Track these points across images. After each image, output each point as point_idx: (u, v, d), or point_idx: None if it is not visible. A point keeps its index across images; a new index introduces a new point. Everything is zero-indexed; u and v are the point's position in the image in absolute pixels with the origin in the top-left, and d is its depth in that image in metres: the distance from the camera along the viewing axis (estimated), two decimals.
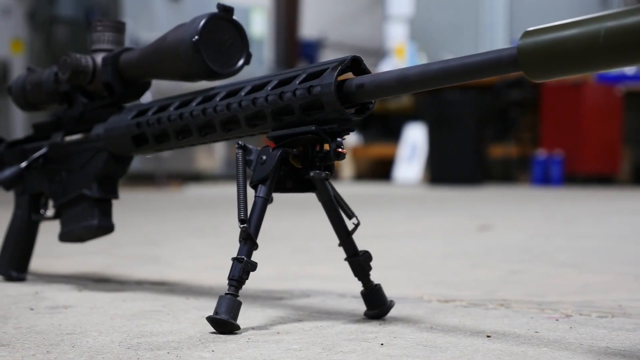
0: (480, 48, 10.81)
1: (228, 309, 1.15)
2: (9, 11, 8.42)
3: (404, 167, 10.26)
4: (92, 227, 1.53)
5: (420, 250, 2.39)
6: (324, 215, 1.27)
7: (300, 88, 1.19)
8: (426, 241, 2.63)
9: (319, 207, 1.27)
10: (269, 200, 1.21)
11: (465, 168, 8.44)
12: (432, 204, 5.23)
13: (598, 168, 8.90)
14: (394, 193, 6.97)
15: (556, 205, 5.04)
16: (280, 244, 2.65)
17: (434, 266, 2.02)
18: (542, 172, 8.66)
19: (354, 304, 1.41)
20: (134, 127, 1.44)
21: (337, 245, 1.30)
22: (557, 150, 8.61)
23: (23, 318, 1.28)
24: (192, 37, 1.33)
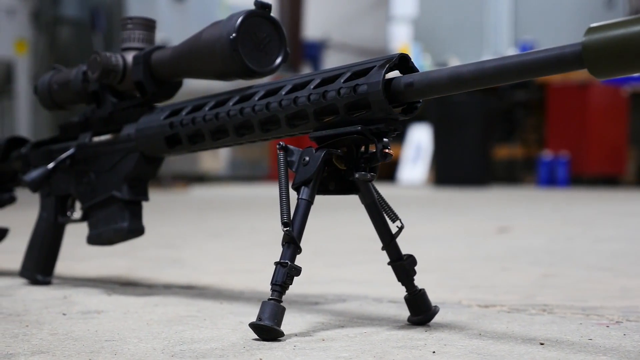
0: (485, 49, 10.79)
1: (272, 315, 1.12)
2: (14, 11, 8.38)
3: (409, 168, 10.23)
4: (123, 230, 1.50)
5: (444, 253, 2.35)
6: (338, 216, 1.23)
7: (345, 87, 1.15)
8: (447, 244, 2.60)
9: (332, 208, 1.23)
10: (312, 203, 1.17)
11: (470, 169, 8.40)
12: (442, 206, 5.19)
13: (604, 169, 8.87)
14: (401, 194, 6.93)
15: (567, 206, 5.01)
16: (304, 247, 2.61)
17: (464, 269, 1.98)
18: (547, 173, 8.62)
19: (393, 309, 1.38)
20: (167, 127, 1.40)
21: (359, 248, 1.26)
22: (562, 152, 8.57)
23: (57, 324, 1.24)
24: (229, 35, 1.29)
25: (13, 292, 1.56)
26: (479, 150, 8.45)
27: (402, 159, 10.23)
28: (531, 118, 9.48)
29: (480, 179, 8.36)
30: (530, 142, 9.46)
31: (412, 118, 3.08)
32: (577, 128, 8.69)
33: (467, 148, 8.29)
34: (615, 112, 9.00)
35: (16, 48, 8.50)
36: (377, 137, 1.15)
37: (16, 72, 8.31)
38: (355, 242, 2.73)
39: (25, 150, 1.70)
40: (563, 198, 6.10)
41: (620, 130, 9.05)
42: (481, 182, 8.27)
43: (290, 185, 1.18)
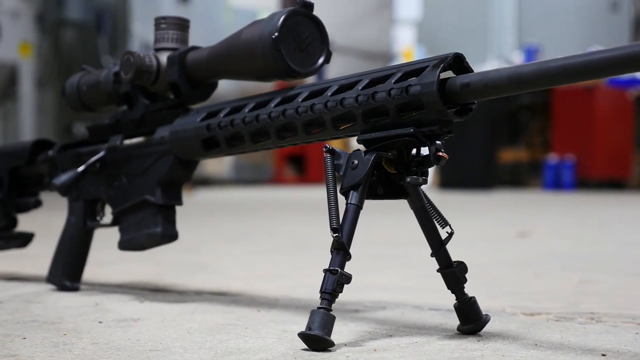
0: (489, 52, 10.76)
1: (322, 325, 1.08)
2: (18, 14, 8.34)
3: None
4: (156, 235, 1.46)
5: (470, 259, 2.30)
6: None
7: (396, 87, 1.11)
8: (469, 249, 2.55)
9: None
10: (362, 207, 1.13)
11: (475, 172, 8.37)
12: (453, 210, 5.15)
13: (609, 173, 8.84)
14: None
15: (579, 210, 4.97)
16: (323, 251, 2.57)
17: (495, 276, 1.94)
18: (553, 177, 8.59)
19: (437, 317, 1.34)
20: (204, 129, 1.36)
21: (385, 253, 1.22)
22: (568, 155, 8.54)
23: (95, 332, 1.20)
24: (271, 34, 1.25)
25: (42, 299, 1.52)
26: (484, 154, 8.42)
27: None
28: (536, 121, 9.45)
29: (485, 183, 8.33)
30: (536, 145, 9.43)
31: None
32: (582, 131, 8.66)
33: (472, 151, 8.25)
34: (621, 115, 8.97)
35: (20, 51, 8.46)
36: (429, 140, 1.11)
37: (20, 75, 8.26)
38: (380, 246, 2.69)
39: (52, 153, 1.66)
40: (572, 202, 6.06)
41: (626, 134, 9.02)
42: (486, 186, 8.24)
43: (338, 190, 1.14)
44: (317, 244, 2.82)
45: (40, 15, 8.75)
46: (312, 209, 5.25)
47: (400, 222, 3.96)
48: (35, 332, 1.20)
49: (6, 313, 1.36)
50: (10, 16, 8.28)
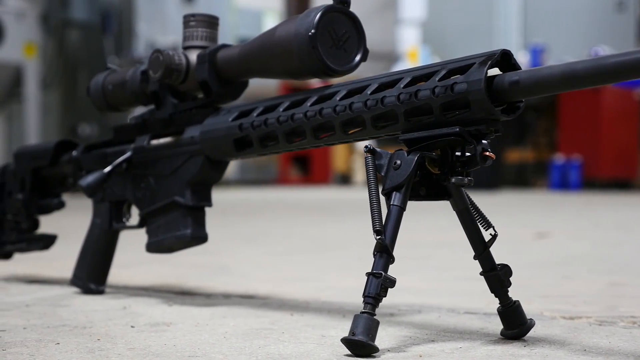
0: None
1: (366, 330, 1.04)
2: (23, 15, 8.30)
3: None
4: (186, 237, 1.42)
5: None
6: (364, 219, 1.15)
7: (440, 85, 1.08)
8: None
9: (344, 211, 1.16)
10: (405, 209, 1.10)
11: (481, 173, 8.30)
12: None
13: (616, 173, 8.80)
14: None
15: (590, 211, 4.93)
16: (343, 252, 2.55)
17: (524, 278, 1.91)
18: (559, 177, 8.56)
19: (476, 321, 1.31)
20: (237, 129, 1.33)
21: (407, 255, 1.19)
22: (574, 155, 8.51)
23: (129, 337, 1.17)
24: (307, 31, 1.22)
25: (68, 302, 1.49)
26: None
27: None
28: (543, 121, 9.42)
29: (491, 183, 8.28)
30: (542, 145, 9.39)
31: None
32: (589, 132, 8.62)
33: None
34: (628, 115, 8.93)
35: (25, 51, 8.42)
36: (475, 139, 1.08)
37: (25, 75, 8.22)
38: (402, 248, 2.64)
39: (77, 154, 1.63)
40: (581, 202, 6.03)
41: (632, 134, 8.98)
42: (492, 186, 8.20)
43: (380, 191, 1.11)
44: (334, 245, 2.80)
45: (44, 15, 8.72)
46: (321, 210, 5.22)
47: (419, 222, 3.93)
48: (68, 337, 1.17)
49: (34, 317, 1.33)
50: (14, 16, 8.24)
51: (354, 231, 3.48)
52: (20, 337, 1.16)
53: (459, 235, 1.09)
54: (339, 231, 3.47)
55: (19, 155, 1.74)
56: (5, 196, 1.75)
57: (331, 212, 4.99)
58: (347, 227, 3.71)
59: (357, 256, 2.42)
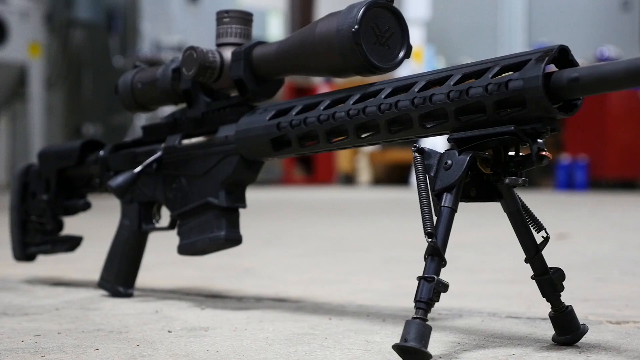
0: (499, 52, 10.69)
1: (418, 336, 1.01)
2: (27, 14, 8.26)
3: None
4: (220, 239, 1.39)
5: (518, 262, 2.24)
6: (385, 221, 1.11)
7: (494, 82, 1.04)
8: (510, 251, 2.48)
9: (355, 212, 1.12)
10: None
11: None
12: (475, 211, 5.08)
13: (622, 173, 8.76)
14: None
15: (605, 211, 4.90)
16: (364, 254, 2.51)
17: None
18: (565, 177, 8.52)
19: (521, 326, 1.27)
20: (274, 128, 1.29)
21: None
22: (580, 155, 8.47)
23: (169, 343, 1.13)
24: (351, 27, 1.18)
25: (98, 306, 1.46)
26: None
27: None
28: None
29: None
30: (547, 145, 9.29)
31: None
32: (595, 131, 8.58)
33: None
34: (634, 115, 8.89)
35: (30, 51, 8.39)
36: (531, 138, 1.04)
37: (30, 75, 8.18)
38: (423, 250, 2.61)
39: (104, 154, 1.59)
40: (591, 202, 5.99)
41: (639, 134, 8.94)
42: None
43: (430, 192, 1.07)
44: (353, 246, 2.76)
45: (49, 15, 8.68)
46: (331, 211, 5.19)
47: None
48: (105, 342, 1.13)
49: (66, 321, 1.30)
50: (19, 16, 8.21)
51: (371, 232, 3.45)
52: (56, 343, 1.13)
53: (481, 236, 1.06)
54: (355, 232, 3.43)
55: (43, 155, 1.70)
56: (28, 197, 1.72)
57: (342, 212, 4.95)
58: (362, 228, 3.67)
59: (380, 258, 2.38)
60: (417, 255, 2.40)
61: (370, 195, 7.78)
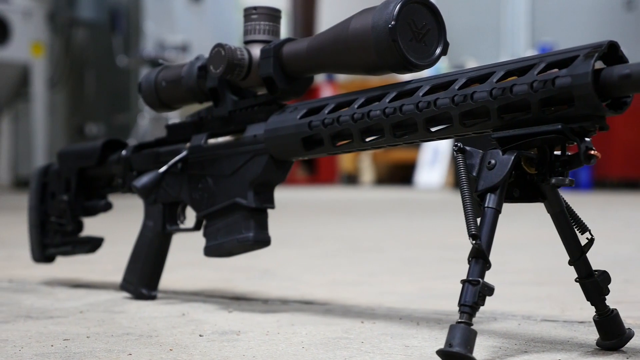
0: (502, 52, 10.66)
1: (463, 341, 0.97)
2: (30, 13, 8.23)
3: (426, 171, 10.10)
4: (248, 241, 1.36)
5: (539, 263, 2.22)
6: (397, 221, 1.08)
7: (539, 80, 1.01)
8: (529, 252, 2.45)
9: (364, 212, 1.10)
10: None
11: None
12: None
13: (626, 173, 8.73)
14: (430, 199, 6.80)
15: (614, 210, 4.87)
16: (381, 255, 2.48)
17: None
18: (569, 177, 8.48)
19: (560, 330, 1.24)
20: (306, 127, 1.26)
21: (447, 257, 1.12)
22: None
23: (202, 347, 1.10)
24: (387, 23, 1.15)
25: (122, 308, 1.42)
26: None
27: (420, 162, 10.11)
28: None
29: None
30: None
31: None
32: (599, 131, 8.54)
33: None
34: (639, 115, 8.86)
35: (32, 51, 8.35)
36: (579, 137, 1.01)
37: (32, 75, 8.14)
38: (439, 250, 2.59)
39: (126, 153, 1.56)
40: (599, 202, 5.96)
41: None
42: None
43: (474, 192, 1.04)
44: (368, 247, 2.73)
45: (51, 14, 8.64)
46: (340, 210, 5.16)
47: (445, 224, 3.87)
48: (137, 347, 1.10)
49: (93, 324, 1.27)
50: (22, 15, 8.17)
51: (383, 232, 3.42)
52: (87, 347, 1.10)
53: (496, 236, 1.03)
54: (367, 232, 3.40)
55: (63, 155, 1.67)
56: (47, 197, 1.69)
57: (349, 212, 4.92)
58: (373, 228, 3.64)
59: (397, 259, 2.35)
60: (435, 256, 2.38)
61: (375, 195, 7.75)
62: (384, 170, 11.13)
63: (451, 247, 2.66)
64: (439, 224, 3.89)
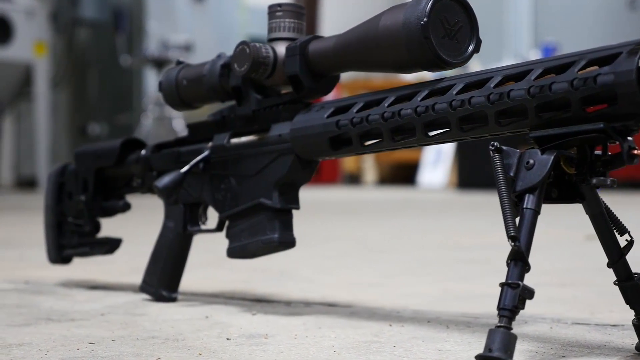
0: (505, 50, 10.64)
1: (503, 346, 0.95)
2: (33, 13, 8.20)
3: (429, 171, 10.08)
4: (273, 242, 1.33)
5: (560, 264, 2.19)
6: (393, 219, 1.06)
7: (580, 77, 0.98)
8: (546, 253, 2.43)
9: (372, 212, 1.07)
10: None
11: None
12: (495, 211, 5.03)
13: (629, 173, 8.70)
14: (434, 198, 6.77)
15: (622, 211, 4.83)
16: (395, 256, 2.46)
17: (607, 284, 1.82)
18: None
19: (594, 334, 1.22)
20: (334, 126, 1.24)
21: (461, 257, 1.09)
22: None
23: (232, 352, 1.08)
24: (419, 20, 1.12)
25: (143, 311, 1.40)
26: None
27: (422, 162, 10.09)
28: None
29: None
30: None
31: None
32: None
33: None
34: None
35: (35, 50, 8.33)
36: (621, 136, 0.98)
37: (35, 74, 8.12)
38: (453, 251, 2.57)
39: (146, 153, 1.54)
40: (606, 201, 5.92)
41: None
42: None
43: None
44: (381, 248, 2.70)
45: (54, 13, 8.62)
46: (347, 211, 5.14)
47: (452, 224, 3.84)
48: (165, 350, 1.08)
49: (117, 327, 1.24)
50: (24, 15, 8.14)
51: (392, 232, 3.39)
52: (114, 351, 1.07)
53: (505, 237, 1.00)
54: (376, 232, 3.38)
55: (80, 155, 1.64)
56: (64, 197, 1.66)
57: (356, 212, 4.90)
58: (382, 228, 3.61)
59: (412, 259, 2.33)
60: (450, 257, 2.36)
61: (379, 195, 7.73)
62: (386, 170, 11.11)
63: (464, 248, 2.64)
64: (447, 224, 3.87)
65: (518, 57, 9.77)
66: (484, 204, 5.81)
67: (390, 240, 2.99)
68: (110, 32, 8.60)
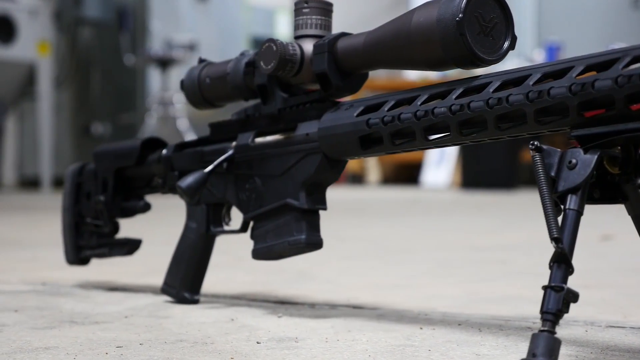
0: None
1: (548, 351, 0.92)
2: (36, 12, 8.17)
3: (433, 171, 10.05)
4: (300, 243, 1.30)
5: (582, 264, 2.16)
6: (404, 219, 1.03)
7: (624, 74, 0.96)
8: None
9: (381, 212, 1.05)
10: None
11: (498, 172, 8.22)
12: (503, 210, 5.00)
13: None
14: (440, 198, 6.74)
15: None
16: (414, 257, 2.43)
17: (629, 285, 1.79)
18: None
19: (632, 337, 1.19)
20: (364, 125, 1.21)
21: (479, 258, 1.07)
22: None
23: (264, 355, 1.05)
24: (454, 17, 1.10)
25: (167, 313, 1.37)
26: (506, 153, 8.26)
27: (426, 161, 10.06)
28: None
29: (509, 182, 8.17)
30: (557, 144, 9.28)
31: None
32: None
33: (495, 151, 8.10)
34: None
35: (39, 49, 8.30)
36: None
37: (39, 74, 8.08)
38: (471, 251, 2.54)
39: (167, 153, 1.51)
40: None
41: None
42: (509, 186, 8.09)
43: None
44: (399, 248, 2.68)
45: (58, 13, 8.59)
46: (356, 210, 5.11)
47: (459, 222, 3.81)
48: (196, 355, 1.05)
49: (142, 330, 1.21)
50: (28, 14, 8.11)
51: (407, 233, 3.36)
52: (143, 355, 1.04)
53: (520, 237, 0.97)
54: (390, 233, 3.35)
55: (99, 154, 1.62)
56: (82, 198, 1.63)
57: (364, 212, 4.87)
58: (395, 228, 3.59)
59: (432, 260, 2.30)
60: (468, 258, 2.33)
61: (384, 195, 7.70)
62: (389, 170, 11.08)
63: (480, 249, 2.61)
64: (457, 224, 3.84)
65: (522, 57, 9.75)
66: (490, 203, 5.79)
67: (405, 241, 2.97)
68: (113, 31, 8.57)
